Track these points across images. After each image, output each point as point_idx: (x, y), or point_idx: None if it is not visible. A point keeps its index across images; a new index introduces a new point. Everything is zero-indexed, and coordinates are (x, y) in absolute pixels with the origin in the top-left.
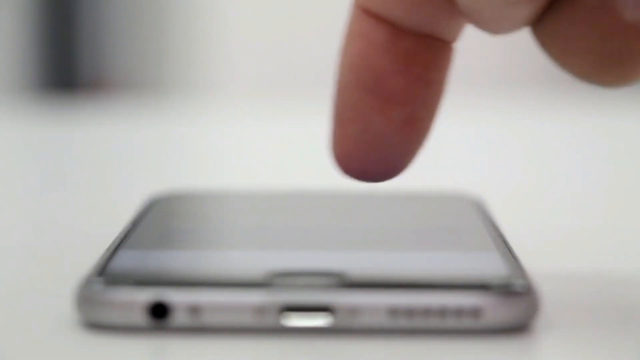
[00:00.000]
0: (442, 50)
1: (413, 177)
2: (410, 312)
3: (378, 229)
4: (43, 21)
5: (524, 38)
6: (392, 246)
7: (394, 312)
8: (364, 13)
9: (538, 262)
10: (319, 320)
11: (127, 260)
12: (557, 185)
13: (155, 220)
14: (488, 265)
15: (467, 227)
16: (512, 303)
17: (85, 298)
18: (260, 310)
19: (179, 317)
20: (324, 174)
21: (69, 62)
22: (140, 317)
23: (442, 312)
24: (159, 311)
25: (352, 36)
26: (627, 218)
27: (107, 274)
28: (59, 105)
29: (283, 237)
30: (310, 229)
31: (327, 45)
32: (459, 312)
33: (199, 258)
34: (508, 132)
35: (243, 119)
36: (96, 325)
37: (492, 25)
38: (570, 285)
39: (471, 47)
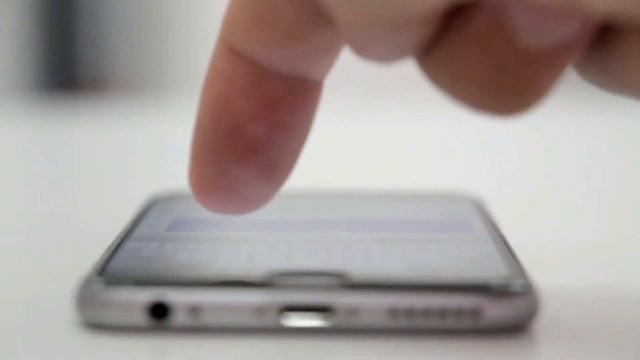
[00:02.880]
0: (309, 91)
1: (413, 177)
2: (410, 312)
3: (378, 229)
4: (43, 21)
5: None
6: (392, 246)
7: (394, 312)
8: (229, 51)
9: (538, 262)
10: (319, 320)
11: (127, 260)
12: (558, 186)
13: (155, 220)
14: (488, 266)
15: (467, 227)
16: (512, 303)
17: (85, 298)
18: (260, 310)
19: (179, 317)
20: (324, 174)
21: (69, 62)
22: (140, 317)
23: (442, 312)
24: (159, 311)
25: (215, 76)
26: (628, 218)
27: (107, 274)
28: (59, 105)
29: (283, 237)
30: (310, 229)
31: None
32: (458, 312)
33: (199, 258)
34: (508, 132)
35: None
36: (96, 325)
37: (376, 53)
38: (570, 285)
39: None
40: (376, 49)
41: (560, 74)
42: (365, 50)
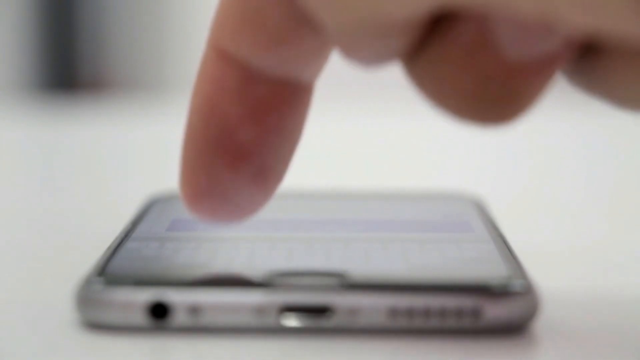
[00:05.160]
0: (299, 94)
1: (413, 177)
2: (410, 312)
3: (378, 229)
4: (43, 21)
5: None
6: (392, 246)
7: (394, 312)
8: (217, 54)
9: (538, 262)
10: (319, 321)
11: (127, 260)
12: (558, 186)
13: (155, 220)
14: (488, 266)
15: (467, 227)
16: (512, 303)
17: (85, 298)
18: (260, 310)
19: (179, 317)
20: (324, 174)
21: (69, 62)
22: (140, 317)
23: (442, 312)
24: (159, 311)
25: (204, 79)
26: (628, 219)
27: (107, 274)
28: (59, 105)
29: (283, 237)
30: (310, 229)
31: None
32: (458, 312)
33: (199, 258)
34: (508, 132)
35: None
36: (96, 325)
37: (360, 57)
38: (570, 285)
39: None
40: (361, 53)
41: (546, 85)
42: (351, 53)
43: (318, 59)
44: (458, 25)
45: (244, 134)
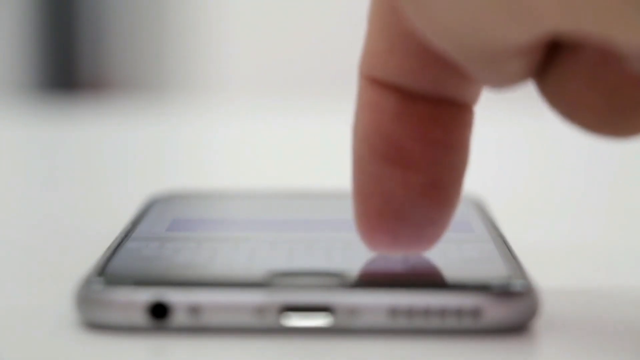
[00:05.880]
0: (459, 113)
1: None
2: (410, 312)
3: None
4: (43, 21)
5: None
6: None
7: (394, 312)
8: (371, 82)
9: (538, 262)
10: (319, 320)
11: (127, 260)
12: (558, 185)
13: (155, 220)
14: (488, 266)
15: (467, 227)
16: (512, 303)
17: (85, 298)
18: (260, 310)
19: (179, 317)
20: (324, 173)
21: (69, 62)
22: (140, 317)
23: (442, 312)
24: (159, 311)
25: (363, 107)
26: (628, 218)
27: (107, 274)
28: (59, 105)
29: (283, 237)
30: (311, 229)
31: (326, 45)
32: (459, 312)
33: (199, 258)
34: (509, 132)
35: (242, 119)
36: (96, 325)
37: (489, 81)
38: (570, 285)
39: None
40: (487, 76)
41: None
42: (479, 76)
43: (466, 80)
44: (579, 45)
45: (410, 148)
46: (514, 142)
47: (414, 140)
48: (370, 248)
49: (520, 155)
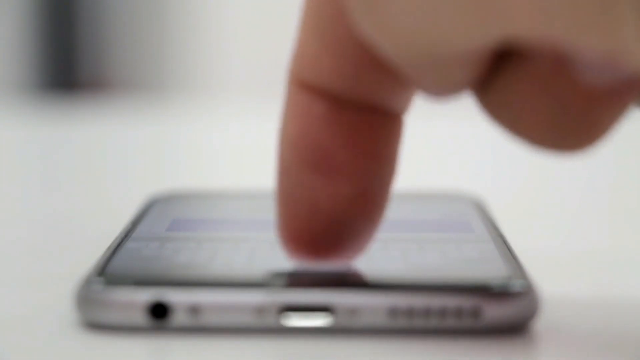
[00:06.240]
0: (389, 122)
1: (413, 177)
2: (410, 312)
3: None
4: (43, 21)
5: None
6: (392, 246)
7: (394, 312)
8: (301, 87)
9: (538, 262)
10: (319, 320)
11: (127, 260)
12: (558, 185)
13: (155, 220)
14: (488, 266)
15: (467, 227)
16: (512, 303)
17: (85, 298)
18: (260, 310)
19: (179, 317)
20: None
21: (69, 62)
22: (140, 317)
23: (442, 312)
24: (159, 311)
25: (291, 112)
26: (628, 220)
27: (107, 274)
28: (59, 105)
29: None
30: None
31: None
32: (458, 312)
33: (199, 258)
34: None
35: (243, 119)
36: (96, 325)
37: (429, 88)
38: (570, 285)
39: None
40: (429, 83)
41: (624, 112)
42: (419, 85)
43: (401, 89)
44: (531, 54)
45: (338, 158)
46: (514, 142)
47: (343, 149)
48: (291, 256)
49: (520, 155)
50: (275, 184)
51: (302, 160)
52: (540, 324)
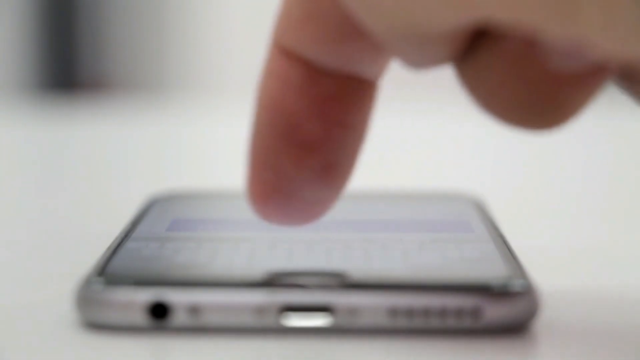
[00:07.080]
0: (364, 90)
1: (414, 177)
2: (410, 312)
3: (378, 229)
4: (43, 21)
5: None
6: (392, 246)
7: (394, 312)
8: (280, 50)
9: (538, 262)
10: (319, 320)
11: (127, 260)
12: (558, 185)
13: (155, 220)
14: (488, 266)
15: (467, 227)
16: (512, 303)
17: (85, 298)
18: (260, 310)
19: (179, 317)
20: None
21: (69, 62)
22: (140, 317)
23: (442, 312)
24: (159, 311)
25: (269, 75)
26: (628, 219)
27: (107, 274)
28: (59, 105)
29: (283, 237)
30: (311, 229)
31: None
32: (458, 312)
33: (199, 258)
34: (509, 132)
35: (243, 119)
36: (96, 325)
37: (409, 60)
38: (570, 285)
39: None
40: (409, 57)
41: (593, 95)
42: (399, 57)
43: (380, 56)
44: (505, 35)
45: (309, 129)
46: (514, 142)
47: (313, 119)
48: (259, 217)
49: (521, 155)
50: (248, 142)
51: (273, 126)
52: (540, 324)
